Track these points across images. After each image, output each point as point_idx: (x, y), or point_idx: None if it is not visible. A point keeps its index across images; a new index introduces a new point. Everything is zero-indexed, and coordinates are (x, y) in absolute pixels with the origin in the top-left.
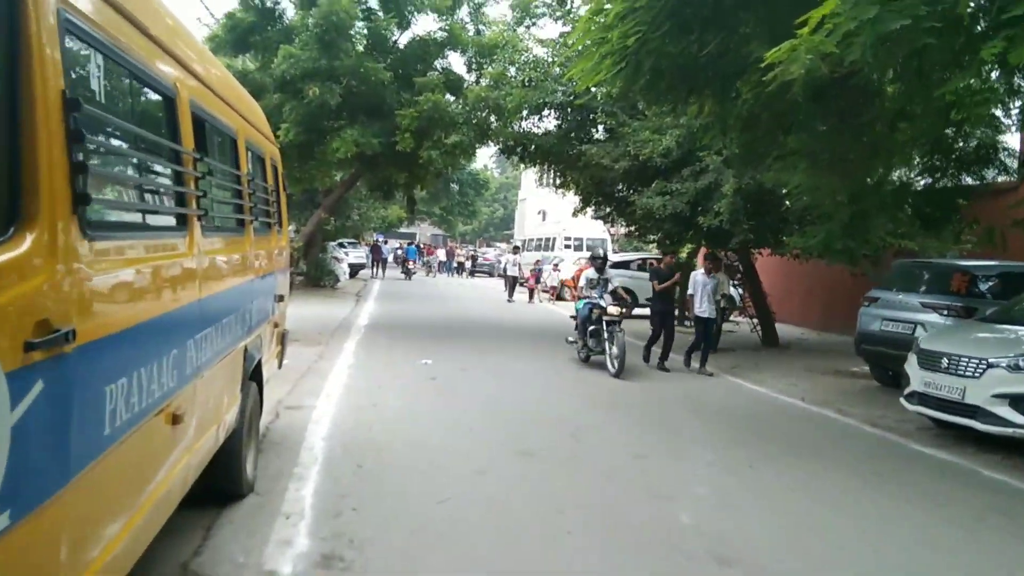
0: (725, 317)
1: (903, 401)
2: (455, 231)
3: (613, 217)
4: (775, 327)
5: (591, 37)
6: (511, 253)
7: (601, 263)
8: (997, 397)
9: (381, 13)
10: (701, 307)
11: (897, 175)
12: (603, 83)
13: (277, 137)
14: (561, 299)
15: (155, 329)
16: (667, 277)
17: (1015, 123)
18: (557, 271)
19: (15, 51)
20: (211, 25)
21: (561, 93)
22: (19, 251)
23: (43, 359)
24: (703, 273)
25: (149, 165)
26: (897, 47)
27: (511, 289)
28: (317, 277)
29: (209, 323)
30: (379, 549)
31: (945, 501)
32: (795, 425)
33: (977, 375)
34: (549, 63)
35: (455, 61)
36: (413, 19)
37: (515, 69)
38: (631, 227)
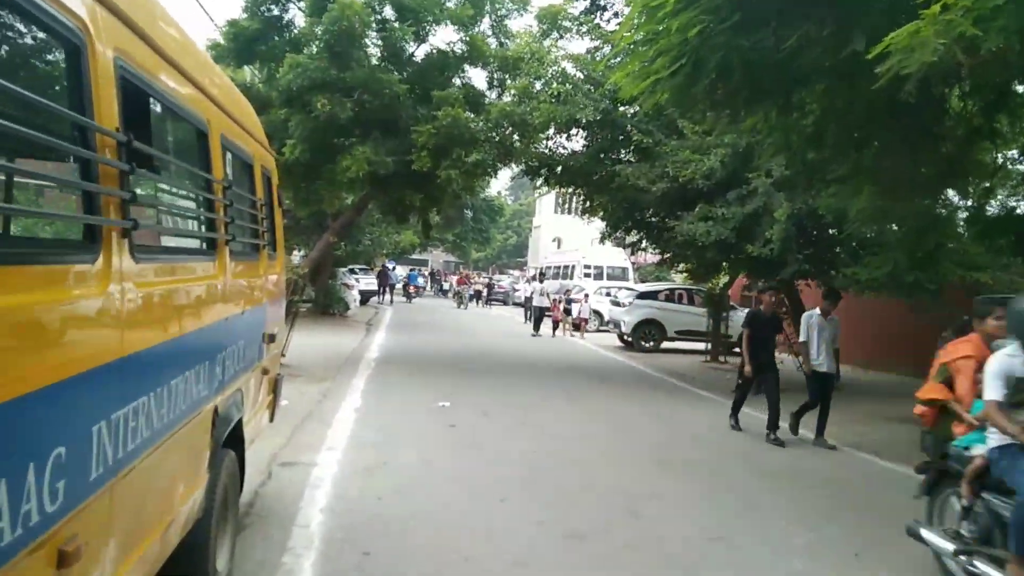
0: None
1: None
2: (469, 258)
3: (643, 244)
4: None
5: (644, 30)
6: (535, 280)
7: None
8: None
9: (397, 23)
10: (818, 358)
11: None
12: (654, 88)
13: (282, 155)
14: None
15: (21, 416)
16: (767, 322)
17: None
18: (587, 302)
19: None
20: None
21: (592, 109)
22: None
23: None
24: (819, 315)
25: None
26: None
27: (537, 321)
28: (326, 304)
29: (145, 389)
30: None
31: None
32: (881, 489)
33: None
34: (580, 77)
35: (476, 77)
36: (432, 31)
37: (542, 83)
38: (664, 255)
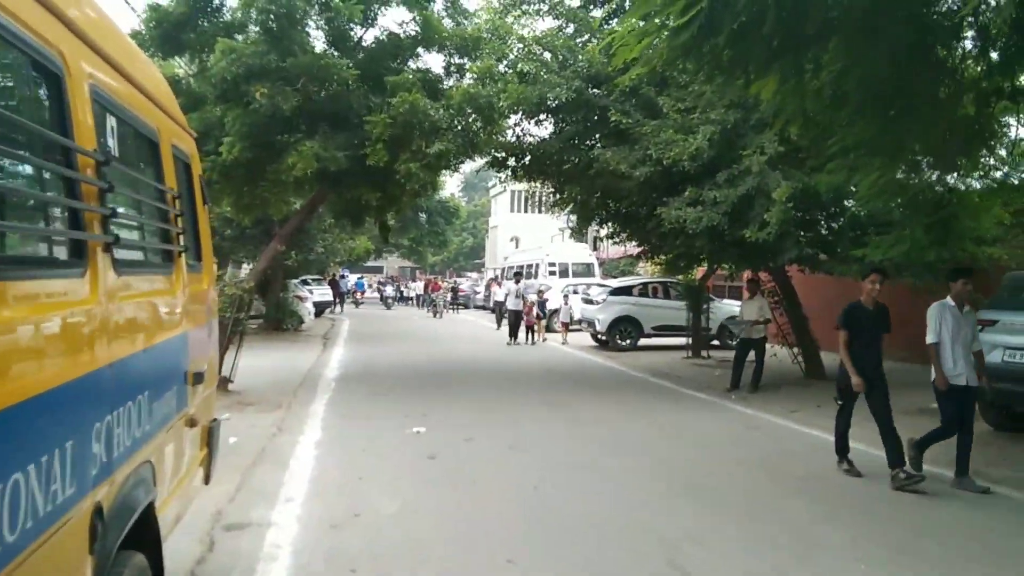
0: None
1: None
2: (425, 262)
3: (619, 237)
4: (820, 356)
5: None
6: (508, 280)
7: None
8: None
9: (343, 2)
10: (956, 368)
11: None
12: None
13: (219, 155)
14: (551, 331)
15: None
16: (873, 318)
17: None
18: (567, 304)
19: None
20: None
21: (565, 88)
22: None
23: None
24: (952, 305)
25: None
26: None
27: (513, 328)
28: (278, 319)
29: None
30: None
31: None
32: (924, 501)
33: None
34: (547, 57)
35: (432, 63)
36: (381, 11)
37: (505, 64)
38: (642, 247)
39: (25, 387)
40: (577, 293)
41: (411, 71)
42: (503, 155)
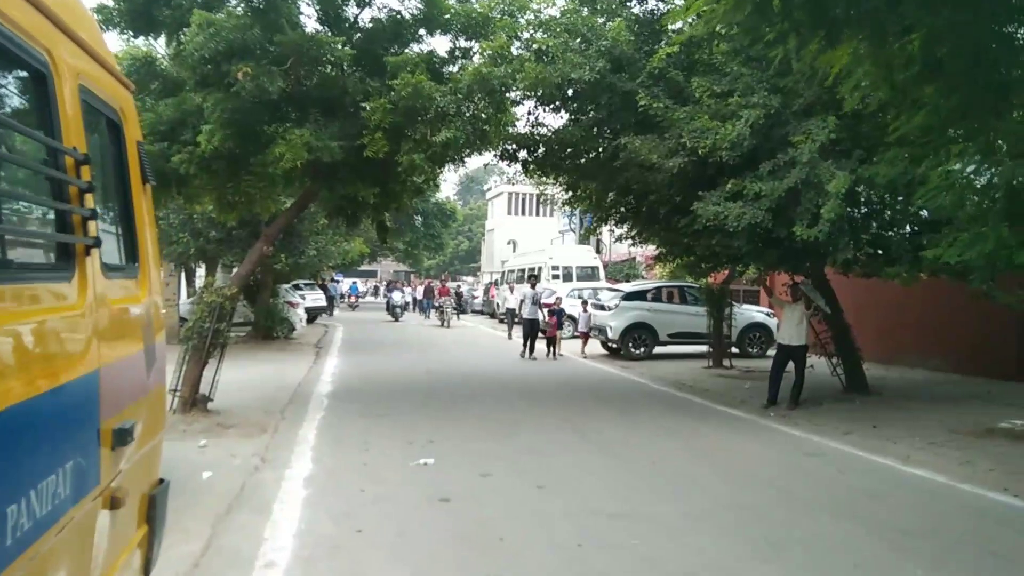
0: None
1: None
2: (421, 266)
3: (642, 236)
4: (862, 369)
5: None
6: (524, 285)
7: None
8: None
9: None
10: None
11: None
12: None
13: (196, 145)
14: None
15: None
16: None
17: None
18: (586, 311)
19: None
20: None
21: (588, 68)
22: None
23: None
24: None
25: None
26: None
27: (530, 339)
28: (268, 327)
29: None
30: None
31: None
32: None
33: None
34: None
35: (436, 46)
36: None
37: (518, 45)
38: (663, 247)
39: None
40: (586, 300)
41: (413, 54)
42: (514, 147)
